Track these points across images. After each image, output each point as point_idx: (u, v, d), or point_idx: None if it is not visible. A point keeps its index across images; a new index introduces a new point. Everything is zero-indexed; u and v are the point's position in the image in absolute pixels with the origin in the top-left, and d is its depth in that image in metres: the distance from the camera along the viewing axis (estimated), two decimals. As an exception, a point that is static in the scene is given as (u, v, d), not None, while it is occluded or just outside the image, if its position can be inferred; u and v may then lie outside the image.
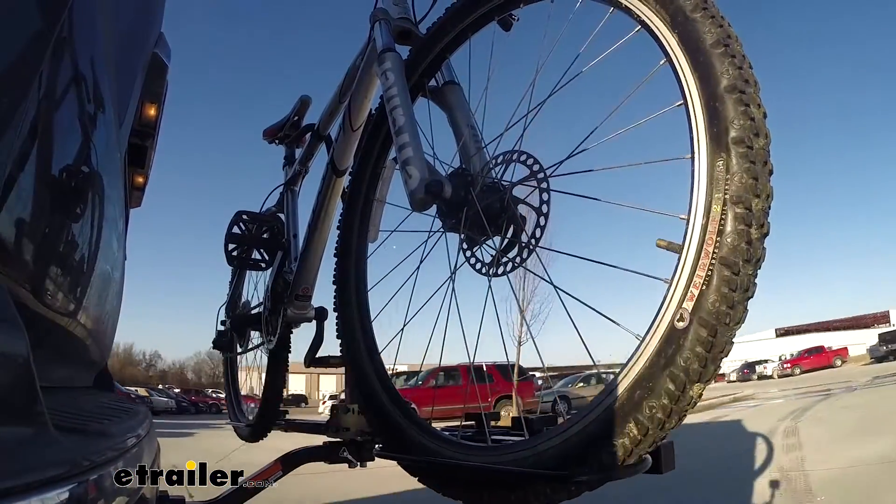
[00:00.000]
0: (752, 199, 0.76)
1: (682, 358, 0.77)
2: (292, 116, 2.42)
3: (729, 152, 0.77)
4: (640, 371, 0.81)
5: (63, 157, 0.68)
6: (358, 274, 1.50)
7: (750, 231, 0.75)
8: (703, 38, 0.82)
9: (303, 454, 1.57)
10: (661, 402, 0.78)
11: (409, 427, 1.22)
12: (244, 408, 2.70)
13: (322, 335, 1.94)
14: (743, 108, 0.77)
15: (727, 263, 0.75)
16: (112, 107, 0.88)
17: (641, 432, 0.80)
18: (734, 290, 0.75)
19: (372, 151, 1.53)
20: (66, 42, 0.63)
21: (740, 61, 0.80)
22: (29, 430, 0.42)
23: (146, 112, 1.27)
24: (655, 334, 0.81)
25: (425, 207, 1.13)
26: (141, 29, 1.11)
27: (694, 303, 0.77)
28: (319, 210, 1.83)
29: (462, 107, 1.34)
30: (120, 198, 1.06)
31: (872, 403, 8.30)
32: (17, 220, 0.56)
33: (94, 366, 1.10)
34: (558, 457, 0.88)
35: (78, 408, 0.77)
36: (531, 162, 1.05)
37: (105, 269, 0.93)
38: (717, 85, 0.79)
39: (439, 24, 1.37)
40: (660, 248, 0.84)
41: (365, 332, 1.43)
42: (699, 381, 0.78)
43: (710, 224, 0.77)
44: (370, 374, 1.36)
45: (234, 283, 2.69)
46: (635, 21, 0.94)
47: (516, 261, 1.04)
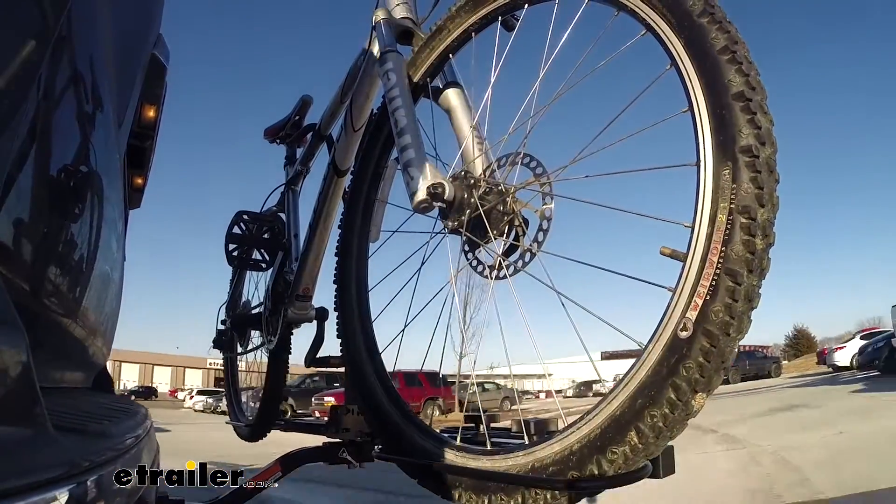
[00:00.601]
0: (759, 209, 0.74)
1: (684, 368, 0.76)
2: (293, 116, 2.42)
3: (736, 161, 0.76)
4: (642, 379, 0.80)
5: (62, 159, 0.68)
6: (359, 274, 1.50)
7: (755, 241, 0.74)
8: (709, 43, 0.81)
9: (302, 455, 1.57)
10: (663, 412, 0.77)
11: (408, 428, 1.22)
12: (244, 408, 2.70)
13: (323, 335, 1.94)
14: (750, 117, 0.76)
15: (732, 273, 0.74)
16: (111, 108, 0.89)
17: (642, 441, 0.79)
18: (738, 301, 0.74)
19: (373, 152, 1.53)
20: (66, 43, 0.63)
21: (748, 68, 0.79)
22: (28, 430, 0.42)
23: (145, 113, 1.27)
24: (658, 343, 0.80)
25: (426, 209, 1.13)
26: (140, 30, 1.11)
27: (698, 312, 0.76)
28: (320, 210, 1.83)
29: (464, 108, 1.33)
30: (119, 199, 1.06)
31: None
32: (16, 221, 0.56)
33: (93, 366, 1.10)
34: (558, 462, 0.88)
35: (77, 408, 0.77)
36: (534, 165, 1.04)
37: (104, 269, 0.93)
38: (724, 92, 0.78)
39: (442, 24, 1.36)
40: (664, 255, 0.83)
41: (365, 333, 1.43)
42: (702, 392, 0.77)
43: (716, 233, 0.76)
44: (370, 374, 1.36)
45: (234, 283, 2.69)
46: (641, 24, 0.93)
47: (518, 265, 1.04)
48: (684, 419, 0.79)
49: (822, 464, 3.84)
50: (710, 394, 0.79)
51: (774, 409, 8.05)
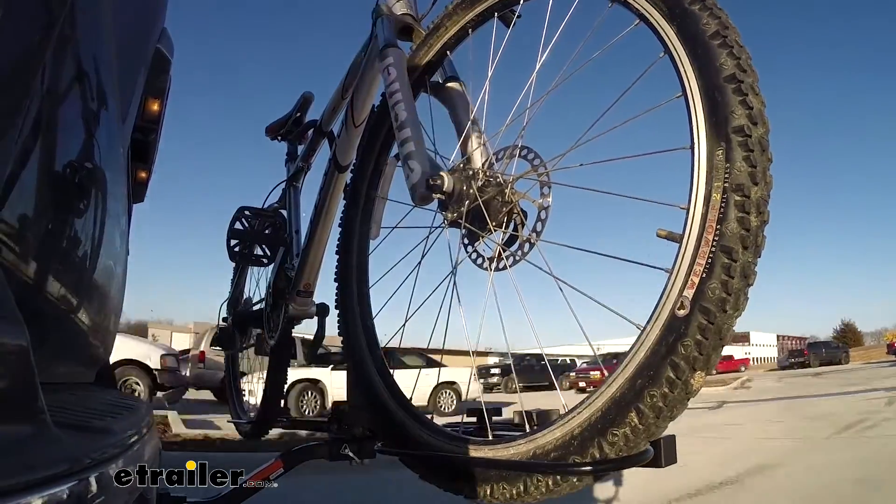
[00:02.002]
0: (752, 187, 0.76)
1: (683, 346, 0.77)
2: (295, 113, 2.42)
3: (729, 141, 0.77)
4: (641, 360, 0.81)
5: (66, 153, 0.68)
6: (359, 270, 1.50)
7: (750, 218, 0.76)
8: (700, 29, 0.83)
9: (304, 451, 1.56)
10: (663, 391, 0.78)
11: (409, 422, 1.22)
12: (245, 405, 2.70)
13: (323, 331, 1.94)
14: (741, 98, 0.78)
15: (727, 251, 0.75)
16: (115, 102, 0.88)
17: (643, 421, 0.80)
18: (734, 278, 0.75)
19: (374, 147, 1.54)
20: (69, 37, 0.62)
21: (738, 51, 0.81)
22: (29, 427, 0.41)
23: (149, 107, 1.26)
24: (657, 323, 0.81)
25: (426, 202, 1.14)
26: (143, 24, 1.11)
27: (694, 290, 0.77)
28: (321, 206, 1.83)
29: (463, 102, 1.34)
30: (123, 193, 1.06)
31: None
32: (19, 216, 0.55)
33: (95, 362, 1.10)
34: (560, 448, 0.88)
35: (79, 404, 0.77)
36: (532, 156, 1.05)
37: (107, 264, 0.93)
38: (716, 75, 0.80)
39: (440, 21, 1.37)
40: (660, 237, 0.84)
41: (366, 328, 1.43)
42: (700, 370, 0.78)
43: (711, 212, 0.77)
44: (371, 370, 1.36)
45: (235, 280, 2.69)
46: (634, 14, 0.95)
47: (517, 255, 1.04)
48: (684, 398, 0.80)
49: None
50: (709, 372, 0.79)
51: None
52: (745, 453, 4.74)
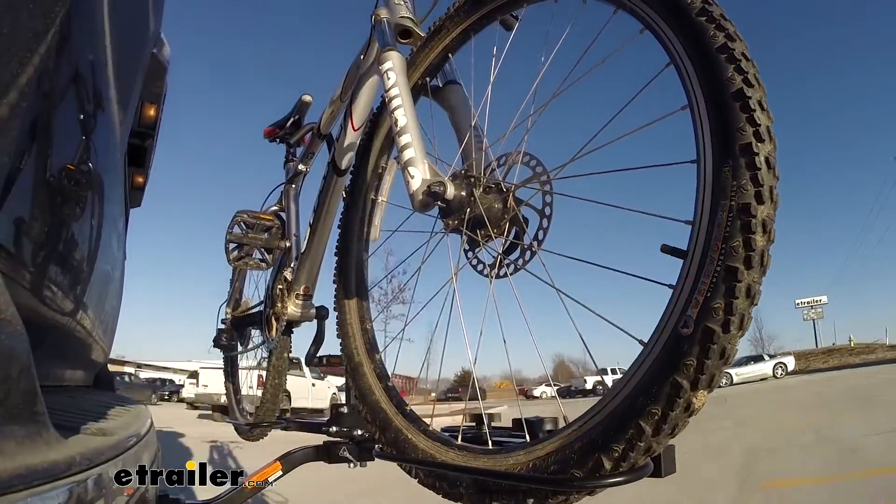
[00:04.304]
0: (759, 207, 0.74)
1: (685, 365, 0.76)
2: (293, 115, 2.41)
3: (736, 158, 0.76)
4: (643, 377, 0.80)
5: (63, 157, 0.68)
6: (358, 273, 1.50)
7: (756, 238, 0.74)
8: (708, 40, 0.80)
9: (302, 454, 1.57)
10: (664, 410, 0.77)
11: (408, 427, 1.21)
12: (244, 407, 2.70)
13: (323, 334, 1.94)
14: (749, 115, 0.76)
15: (732, 270, 0.74)
16: (112, 107, 0.89)
17: (643, 439, 0.79)
18: (739, 298, 0.74)
19: (373, 151, 1.53)
20: (66, 42, 0.63)
21: (746, 65, 0.79)
22: (28, 429, 0.42)
23: (146, 112, 1.27)
24: (659, 340, 0.79)
25: (427, 208, 1.12)
26: (140, 30, 1.11)
27: (699, 310, 0.75)
28: (320, 209, 1.83)
29: (464, 107, 1.33)
30: (120, 198, 1.06)
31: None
32: (17, 220, 0.56)
33: (93, 365, 1.10)
34: (560, 461, 0.87)
35: (78, 407, 0.77)
36: (534, 164, 1.04)
37: (105, 268, 0.93)
38: (723, 90, 0.78)
39: (441, 24, 1.36)
40: (664, 253, 0.83)
41: (365, 332, 1.43)
42: (702, 389, 0.77)
43: (716, 230, 0.76)
44: (370, 373, 1.36)
45: (234, 283, 2.69)
46: (640, 22, 0.93)
47: (518, 263, 1.03)
48: (685, 417, 0.79)
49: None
50: (711, 391, 0.78)
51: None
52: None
